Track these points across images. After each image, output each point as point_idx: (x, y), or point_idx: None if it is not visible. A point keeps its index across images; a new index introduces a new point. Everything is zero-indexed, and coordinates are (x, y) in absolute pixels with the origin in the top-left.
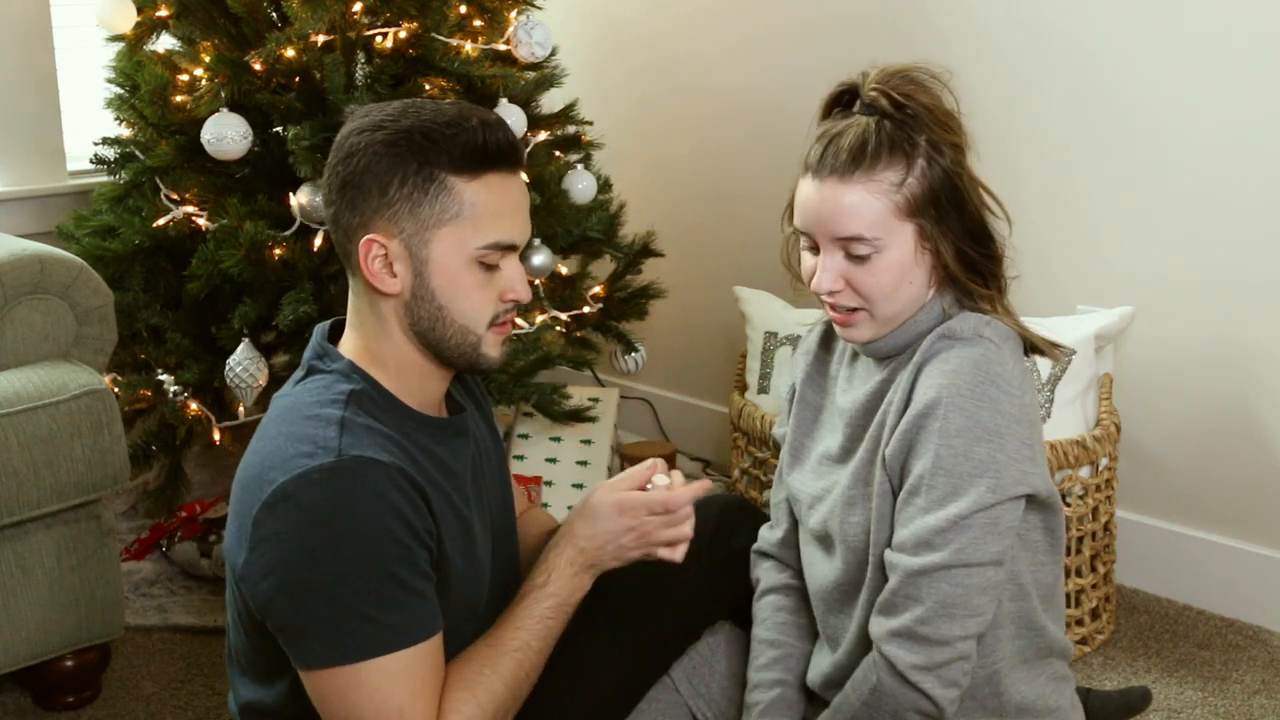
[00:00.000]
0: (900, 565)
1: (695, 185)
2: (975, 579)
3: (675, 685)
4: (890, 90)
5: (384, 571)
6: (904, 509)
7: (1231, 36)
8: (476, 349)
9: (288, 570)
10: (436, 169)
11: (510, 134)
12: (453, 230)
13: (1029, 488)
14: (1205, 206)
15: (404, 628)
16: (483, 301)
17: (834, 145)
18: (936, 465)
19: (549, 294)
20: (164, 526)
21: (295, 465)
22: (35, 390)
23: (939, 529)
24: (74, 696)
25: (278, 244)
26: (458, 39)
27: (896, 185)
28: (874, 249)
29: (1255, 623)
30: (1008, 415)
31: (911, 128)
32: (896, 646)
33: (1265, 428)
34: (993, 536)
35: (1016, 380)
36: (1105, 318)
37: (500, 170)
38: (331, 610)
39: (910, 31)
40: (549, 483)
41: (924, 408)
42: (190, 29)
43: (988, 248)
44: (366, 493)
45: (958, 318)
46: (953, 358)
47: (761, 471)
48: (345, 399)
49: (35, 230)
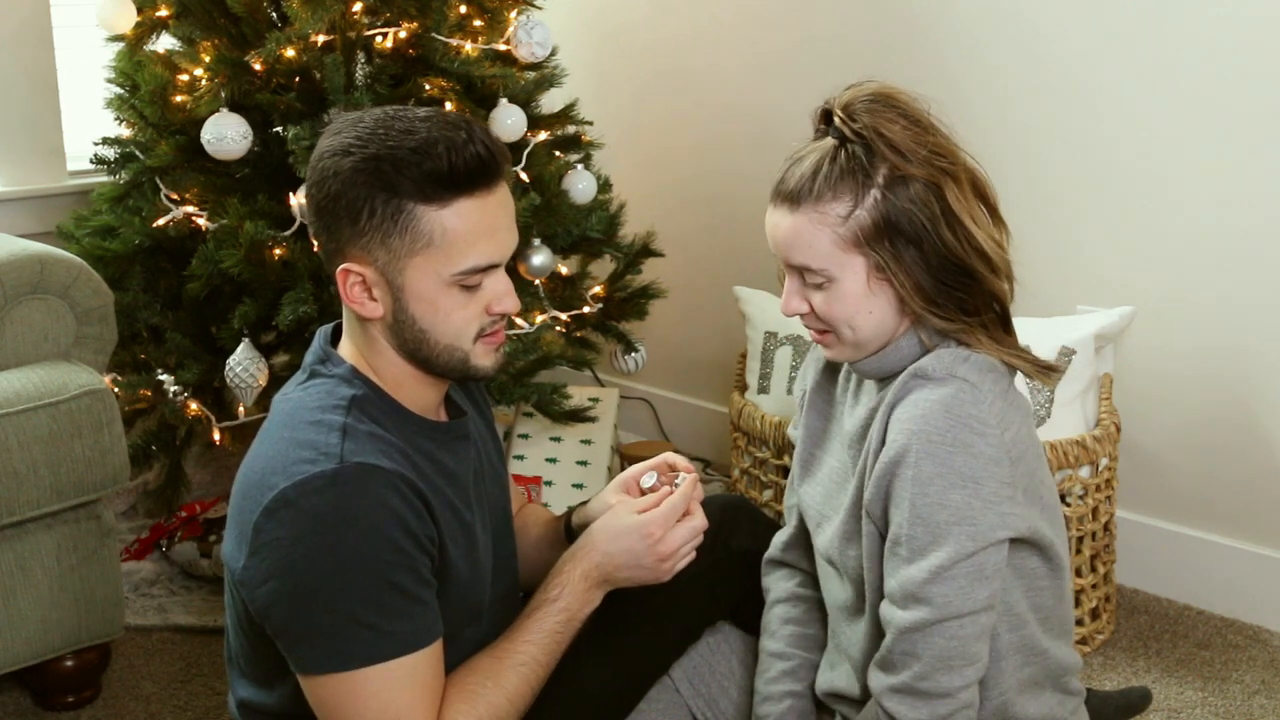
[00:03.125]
0: (893, 622)
1: (695, 185)
2: (969, 629)
3: (675, 685)
4: (850, 117)
5: (385, 579)
6: (890, 559)
7: (1231, 39)
8: (466, 362)
9: (288, 576)
10: (404, 199)
11: (484, 148)
12: (425, 260)
13: (1011, 531)
14: (1205, 207)
15: (405, 635)
16: (465, 320)
17: (790, 171)
18: (914, 515)
19: (549, 294)
20: (164, 526)
21: (297, 471)
22: (35, 390)
23: (923, 580)
24: (74, 696)
25: (278, 244)
26: (458, 39)
27: (842, 218)
28: (825, 278)
29: (1255, 623)
30: (983, 457)
31: (870, 157)
32: (898, 703)
33: (1265, 427)
34: (979, 583)
35: (994, 419)
36: (1105, 318)
37: (472, 193)
38: (332, 617)
39: (911, 39)
40: (549, 483)
41: (896, 455)
42: (190, 29)
43: (958, 279)
44: (369, 500)
45: (933, 354)
46: (922, 401)
47: (761, 471)
48: (347, 404)
49: (35, 230)
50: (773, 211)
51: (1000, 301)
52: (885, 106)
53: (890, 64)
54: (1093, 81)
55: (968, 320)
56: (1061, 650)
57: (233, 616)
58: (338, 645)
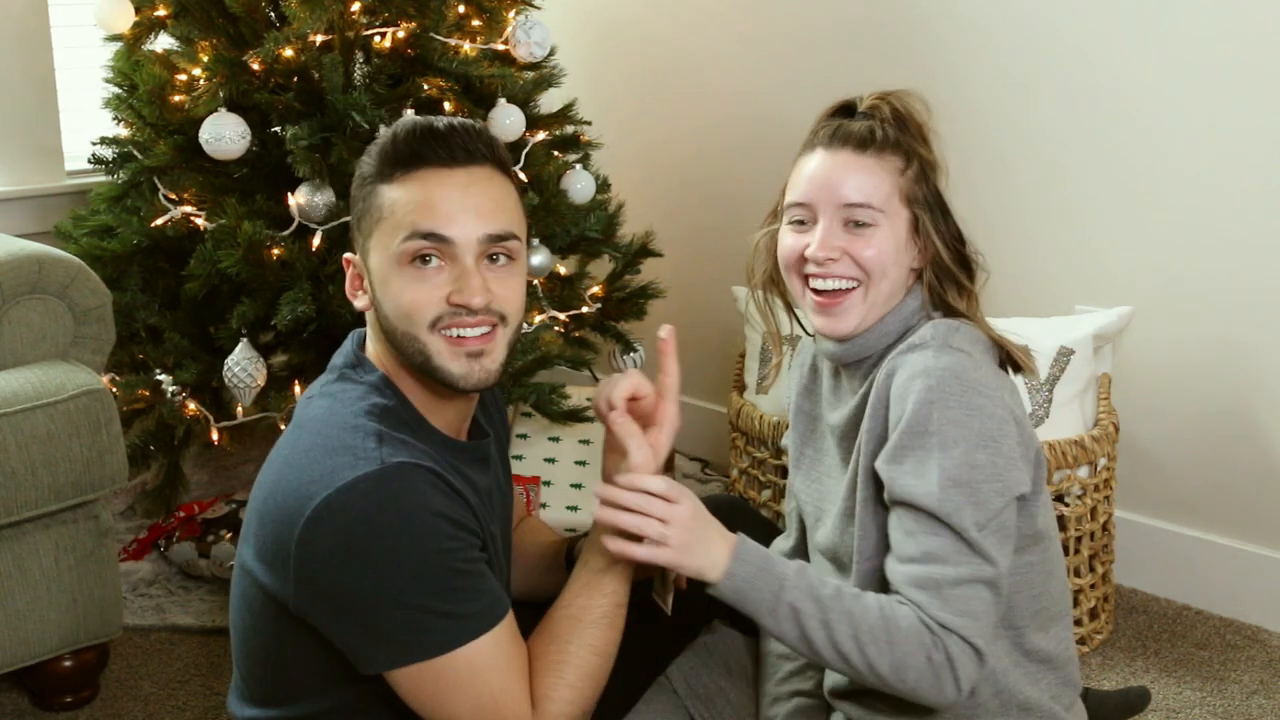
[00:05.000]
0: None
1: (694, 185)
2: (1000, 589)
3: (672, 686)
4: (891, 100)
5: (447, 567)
6: (912, 527)
7: (1231, 38)
8: (428, 358)
9: (349, 584)
10: (371, 182)
11: (449, 127)
12: (380, 234)
13: (1025, 486)
14: (1205, 206)
15: (478, 614)
16: (414, 304)
17: (844, 128)
18: (945, 480)
19: (547, 294)
20: (162, 527)
21: (337, 479)
22: (33, 390)
23: (956, 548)
24: (72, 697)
25: (276, 244)
26: (456, 39)
27: (900, 170)
28: (875, 221)
29: (1253, 623)
30: (996, 418)
31: (906, 136)
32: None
33: (1264, 428)
34: (1005, 541)
35: (994, 382)
36: (1104, 318)
37: (432, 166)
38: (404, 613)
39: (909, 36)
40: (547, 483)
41: (915, 424)
42: (188, 29)
43: (961, 256)
44: (415, 497)
45: (927, 325)
46: (930, 369)
47: (760, 471)
48: (380, 413)
49: (33, 230)
50: (831, 155)
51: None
52: (904, 100)
53: (890, 61)
54: (1093, 82)
55: (971, 289)
56: (1041, 640)
57: (245, 630)
58: (416, 637)
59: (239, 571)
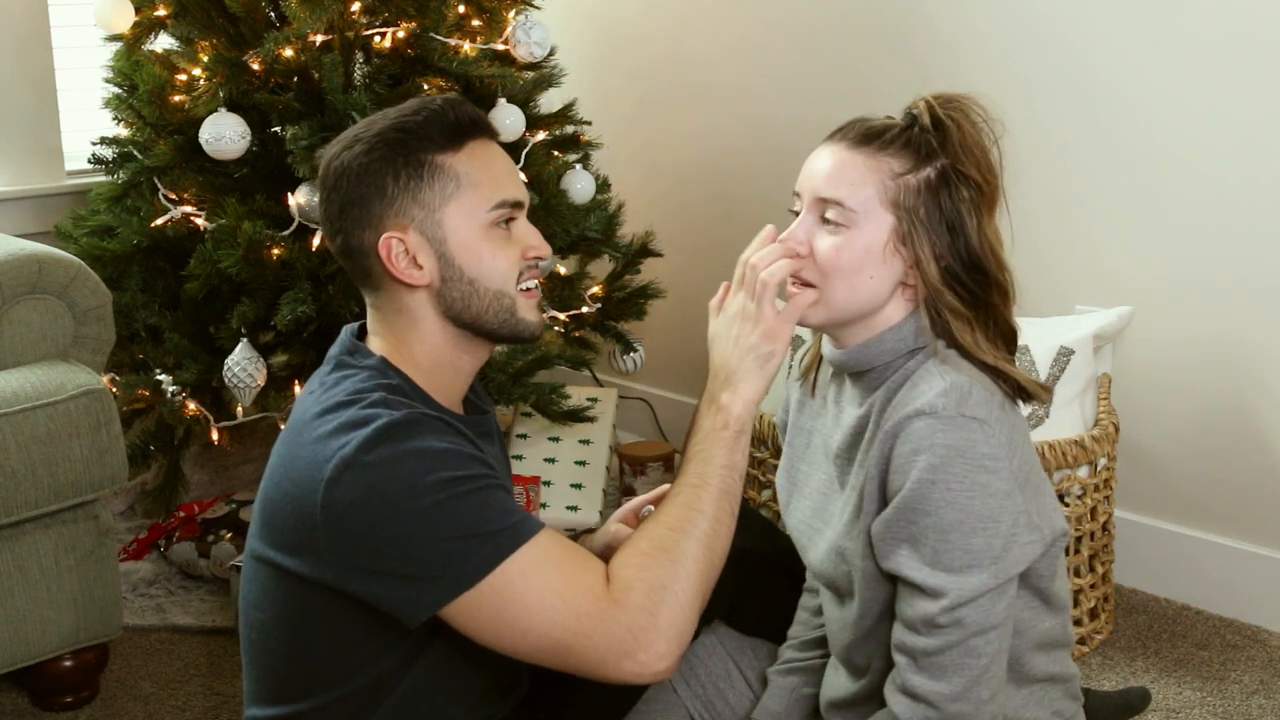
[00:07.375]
0: (916, 647)
1: (694, 185)
2: (994, 644)
3: (672, 686)
4: (937, 106)
5: (467, 489)
6: (909, 597)
7: (1231, 37)
8: (514, 314)
9: (380, 530)
10: (423, 154)
11: (475, 108)
12: (458, 204)
13: (1029, 560)
14: (1204, 206)
15: (512, 527)
16: (509, 263)
17: (858, 122)
18: (935, 561)
19: (547, 294)
20: (162, 527)
21: (348, 441)
22: (33, 390)
23: (944, 619)
24: (72, 697)
25: (276, 244)
26: (456, 39)
27: (895, 174)
28: (846, 221)
29: (1253, 623)
30: (999, 494)
31: (937, 145)
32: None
33: (1264, 428)
34: (1000, 599)
35: (1004, 450)
36: (1104, 318)
37: (479, 138)
38: (439, 546)
39: (910, 35)
40: (547, 483)
41: (911, 502)
42: (188, 29)
43: (974, 275)
44: (428, 439)
45: (936, 375)
46: (935, 446)
47: (760, 471)
48: (386, 390)
49: (33, 230)
50: (825, 148)
51: (1004, 322)
52: (970, 109)
53: (891, 61)
54: (1092, 82)
55: (974, 311)
56: (1046, 663)
57: (261, 624)
58: (459, 567)
59: (252, 569)
